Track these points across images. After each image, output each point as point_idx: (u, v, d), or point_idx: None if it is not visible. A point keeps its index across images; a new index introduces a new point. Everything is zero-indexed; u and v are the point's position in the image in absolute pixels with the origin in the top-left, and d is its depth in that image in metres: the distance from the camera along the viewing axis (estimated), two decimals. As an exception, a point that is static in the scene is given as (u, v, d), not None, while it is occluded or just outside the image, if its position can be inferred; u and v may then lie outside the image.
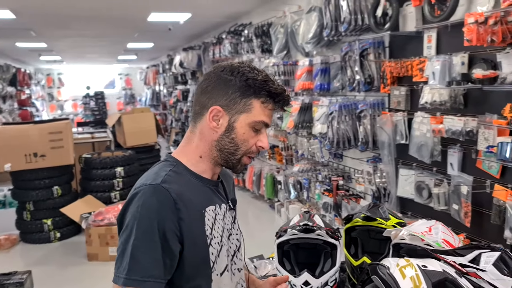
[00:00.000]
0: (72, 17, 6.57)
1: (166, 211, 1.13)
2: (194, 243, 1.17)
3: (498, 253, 1.25)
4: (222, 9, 6.39)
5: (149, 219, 1.12)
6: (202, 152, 1.27)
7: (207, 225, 1.22)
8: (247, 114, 1.22)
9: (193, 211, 1.18)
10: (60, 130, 5.31)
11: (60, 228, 5.34)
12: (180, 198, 1.15)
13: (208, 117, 1.23)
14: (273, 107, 1.26)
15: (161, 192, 1.14)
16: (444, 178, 2.95)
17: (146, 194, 1.14)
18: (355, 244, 1.80)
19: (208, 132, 1.25)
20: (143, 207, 1.13)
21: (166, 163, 1.26)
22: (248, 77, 1.21)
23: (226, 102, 1.22)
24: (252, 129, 1.24)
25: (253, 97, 1.22)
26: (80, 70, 17.06)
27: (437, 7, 2.85)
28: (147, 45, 10.46)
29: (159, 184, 1.15)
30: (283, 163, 5.61)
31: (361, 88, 3.65)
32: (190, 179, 1.24)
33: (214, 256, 1.23)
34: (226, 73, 1.23)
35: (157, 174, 1.19)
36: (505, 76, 2.43)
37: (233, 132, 1.23)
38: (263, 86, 1.21)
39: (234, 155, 1.25)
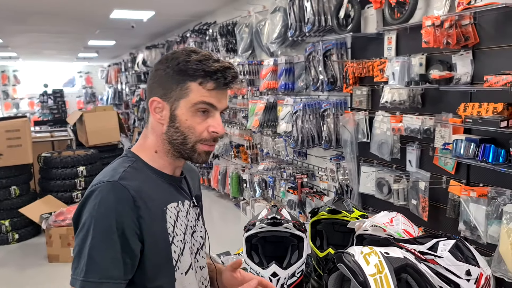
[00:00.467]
0: (29, 12, 6.35)
1: (124, 208, 1.08)
2: (155, 241, 1.14)
3: (453, 241, 1.34)
4: (187, 7, 6.36)
5: (107, 217, 1.07)
6: (156, 147, 1.23)
7: (169, 223, 1.18)
8: (185, 99, 1.16)
9: (154, 208, 1.14)
10: (18, 128, 5.14)
11: (19, 229, 5.17)
12: (139, 195, 1.11)
13: (151, 110, 1.21)
14: (214, 85, 1.16)
15: (119, 189, 1.09)
16: (403, 174, 3.08)
17: (103, 192, 1.09)
18: (320, 237, 1.87)
19: (156, 125, 1.21)
20: (100, 205, 1.08)
21: (125, 158, 1.22)
22: (179, 61, 1.16)
23: (164, 91, 1.18)
24: (197, 114, 1.18)
25: (188, 80, 1.16)
26: (37, 67, 16.47)
27: (397, 10, 2.97)
28: (109, 42, 10.25)
29: (117, 181, 1.11)
30: (248, 161, 5.66)
31: (325, 88, 3.74)
32: (150, 175, 1.20)
33: (177, 254, 1.19)
34: (161, 63, 1.20)
35: (115, 171, 1.15)
36: (460, 77, 2.56)
37: (176, 121, 1.18)
38: (197, 66, 1.15)
39: (185, 145, 1.20)
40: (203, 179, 7.28)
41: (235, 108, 5.92)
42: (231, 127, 5.96)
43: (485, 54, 2.49)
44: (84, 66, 17.42)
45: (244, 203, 5.80)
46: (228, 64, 1.19)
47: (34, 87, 16.38)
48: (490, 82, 2.26)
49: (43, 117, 14.30)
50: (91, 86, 17.65)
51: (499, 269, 2.23)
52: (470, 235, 2.50)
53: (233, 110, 5.97)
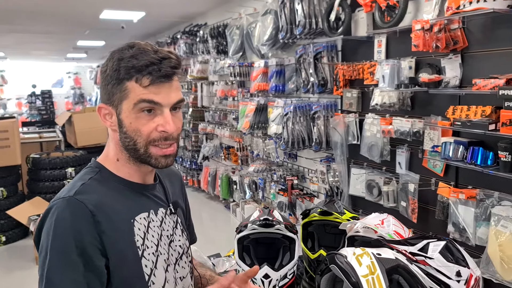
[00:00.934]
0: (17, 12, 6.28)
1: (82, 225, 1.01)
2: (121, 256, 1.06)
3: (443, 242, 1.35)
4: (177, 9, 6.35)
5: (64, 236, 1.00)
6: (117, 155, 1.16)
7: (137, 235, 1.10)
8: (126, 101, 1.08)
9: (119, 221, 1.07)
10: (6, 129, 5.08)
11: (5, 232, 5.11)
12: (100, 209, 1.04)
13: (101, 118, 1.14)
14: (150, 80, 1.07)
15: (75, 205, 1.02)
16: (393, 176, 3.10)
17: (59, 209, 1.02)
18: (311, 239, 1.88)
19: (112, 132, 1.15)
20: (56, 223, 1.01)
21: (88, 170, 1.16)
22: (113, 61, 1.08)
23: (107, 96, 1.11)
24: (141, 115, 1.09)
25: (125, 80, 1.07)
26: (25, 68, 16.28)
27: (387, 13, 3.00)
28: (98, 43, 10.18)
29: (72, 196, 1.04)
30: (239, 163, 5.66)
31: (315, 90, 3.76)
32: (116, 186, 1.13)
33: (149, 268, 1.11)
34: (103, 65, 1.12)
35: (73, 185, 1.09)
36: (449, 80, 2.60)
37: (122, 125, 1.10)
38: (131, 63, 1.06)
39: (137, 150, 1.11)
40: (193, 181, 7.27)
41: (225, 110, 5.93)
42: (221, 128, 5.96)
43: (473, 58, 2.52)
44: (72, 67, 17.27)
45: (234, 205, 5.80)
46: (166, 53, 1.09)
47: (22, 88, 16.18)
48: (479, 86, 2.29)
49: (31, 118, 14.15)
50: (79, 86, 17.50)
51: (487, 270, 2.26)
52: (459, 237, 2.53)
53: (224, 112, 5.97)
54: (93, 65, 16.18)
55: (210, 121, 6.39)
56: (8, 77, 16.37)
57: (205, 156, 6.64)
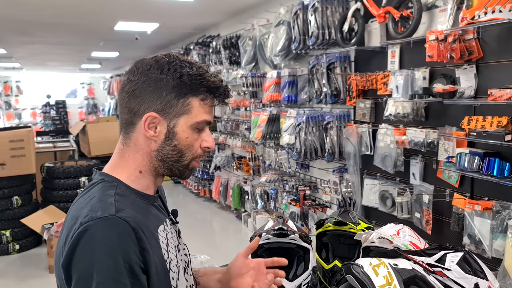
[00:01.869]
0: (35, 24, 6.42)
1: (128, 244, 0.96)
2: (157, 272, 1.03)
3: (461, 254, 1.33)
4: (191, 20, 6.43)
5: (112, 258, 0.93)
6: (141, 166, 1.11)
7: (163, 249, 1.07)
8: (187, 116, 1.08)
9: (150, 236, 1.03)
10: (22, 138, 5.15)
11: (19, 240, 5.15)
12: (139, 225, 0.99)
13: (143, 126, 1.07)
14: (213, 102, 1.12)
15: (119, 224, 0.96)
16: (407, 187, 3.08)
17: (100, 230, 0.95)
18: (326, 249, 1.86)
19: (145, 142, 1.09)
20: (101, 246, 0.94)
21: (105, 184, 1.07)
22: (181, 73, 1.06)
23: (162, 106, 1.06)
24: (195, 131, 1.11)
25: (190, 96, 1.07)
26: (40, 78, 16.55)
27: (401, 24, 3.00)
28: (112, 54, 10.32)
29: (114, 215, 0.97)
30: (250, 173, 5.66)
31: (328, 101, 3.76)
32: (135, 200, 1.08)
33: (175, 280, 1.09)
34: (155, 71, 1.06)
35: (104, 202, 1.00)
36: (463, 90, 2.58)
37: (174, 138, 1.08)
38: (200, 81, 1.07)
39: (180, 163, 1.11)
40: (204, 191, 7.28)
41: (237, 120, 5.95)
42: (233, 138, 5.98)
43: (488, 68, 2.51)
44: (86, 77, 17.51)
45: (245, 215, 5.78)
46: (220, 78, 1.13)
47: (36, 98, 16.45)
48: (494, 96, 2.28)
49: (45, 128, 14.35)
50: (93, 97, 17.72)
51: (504, 283, 2.22)
52: (475, 249, 2.49)
53: (236, 122, 5.99)
54: (106, 76, 16.38)
55: (222, 131, 6.41)
56: (23, 87, 16.68)
57: (217, 166, 6.66)
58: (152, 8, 5.45)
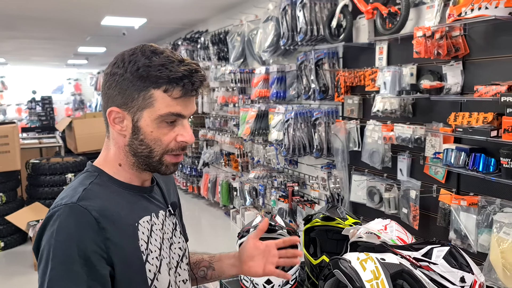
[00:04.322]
0: (19, 18, 6.31)
1: (86, 233, 0.97)
2: (127, 262, 1.02)
3: (447, 248, 1.35)
4: (179, 15, 6.38)
5: (67, 245, 0.95)
6: (119, 160, 1.12)
7: (142, 240, 1.06)
8: (150, 109, 1.04)
9: (123, 226, 1.03)
10: (6, 134, 5.07)
11: (4, 237, 5.08)
12: (104, 215, 0.99)
13: (109, 121, 1.08)
14: (181, 93, 1.04)
15: (78, 212, 0.97)
16: (394, 183, 3.10)
17: (61, 216, 0.97)
18: (313, 244, 1.87)
19: (118, 136, 1.10)
20: (58, 231, 0.96)
21: (87, 174, 1.10)
22: (138, 66, 1.02)
23: (123, 100, 1.05)
24: (163, 125, 1.06)
25: (151, 88, 1.03)
26: (25, 73, 16.32)
27: (388, 20, 3.01)
28: (99, 49, 10.21)
29: (76, 202, 0.98)
30: (239, 170, 5.65)
31: (316, 97, 3.77)
32: (117, 189, 1.09)
33: (153, 273, 1.08)
34: (117, 66, 1.05)
35: (75, 190, 1.03)
36: (450, 87, 2.60)
37: (140, 132, 1.06)
38: (160, 72, 1.02)
39: (151, 158, 1.09)
40: (193, 187, 7.25)
41: (226, 116, 5.93)
42: (221, 135, 5.96)
43: (475, 65, 2.53)
44: (73, 73, 17.31)
45: (234, 212, 5.78)
46: (194, 66, 1.06)
47: (22, 94, 16.21)
48: (480, 92, 2.29)
49: (31, 124, 14.15)
50: (79, 93, 17.53)
51: (489, 277, 2.25)
52: (461, 244, 2.52)
53: (224, 118, 5.97)
54: (93, 72, 16.22)
55: (211, 128, 6.39)
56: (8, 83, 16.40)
57: (205, 162, 6.64)
58: (140, 2, 5.40)
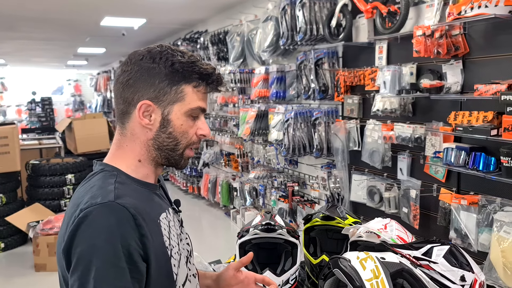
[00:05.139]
0: (19, 19, 6.31)
1: (127, 230, 0.98)
2: (158, 258, 1.04)
3: (447, 247, 1.34)
4: (178, 16, 6.37)
5: (111, 243, 0.95)
6: (139, 155, 1.12)
7: (165, 236, 1.09)
8: (181, 103, 1.10)
9: (151, 223, 1.05)
10: (6, 135, 5.07)
11: (4, 238, 5.07)
12: (138, 212, 1.00)
13: (138, 114, 1.09)
14: (206, 89, 1.14)
15: (118, 210, 0.98)
16: (394, 182, 3.09)
17: (99, 216, 0.97)
18: (313, 244, 1.86)
19: (141, 131, 1.11)
20: (100, 231, 0.96)
21: (106, 174, 1.09)
22: (173, 61, 1.08)
23: (155, 94, 1.08)
24: (190, 118, 1.12)
25: (183, 83, 1.09)
26: (25, 75, 16.32)
27: (388, 19, 3.00)
28: (99, 50, 10.21)
29: (113, 201, 0.99)
30: (239, 170, 5.65)
31: (316, 96, 3.76)
32: (137, 188, 1.10)
33: (176, 267, 1.10)
34: (147, 60, 1.09)
35: (104, 189, 1.02)
36: (450, 86, 2.60)
37: (169, 125, 1.10)
38: (192, 69, 1.09)
39: (175, 151, 1.13)
40: (193, 188, 7.25)
41: (226, 117, 5.92)
42: (221, 135, 5.96)
43: (475, 64, 2.53)
44: (73, 74, 17.31)
45: (234, 212, 5.77)
46: (213, 66, 1.15)
47: (22, 95, 16.20)
48: (480, 91, 2.29)
49: (31, 125, 14.15)
50: (79, 94, 17.52)
51: (490, 276, 2.24)
52: (461, 243, 2.51)
53: (224, 118, 5.97)
54: (93, 72, 16.20)
55: (211, 128, 6.38)
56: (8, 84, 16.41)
57: (205, 163, 6.63)
58: (139, 3, 5.39)
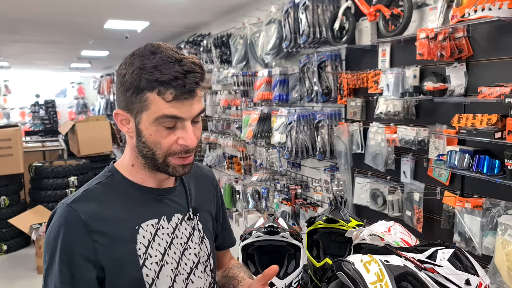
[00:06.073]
0: (23, 21, 6.33)
1: (73, 234, 1.01)
2: (120, 266, 1.03)
3: (452, 250, 1.33)
4: (181, 19, 6.38)
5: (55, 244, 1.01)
6: (132, 160, 1.13)
7: (140, 243, 1.06)
8: (146, 112, 1.03)
9: (119, 229, 1.05)
10: (9, 137, 5.09)
11: (7, 241, 5.09)
12: (95, 218, 1.02)
13: (117, 123, 1.11)
14: (174, 95, 1.01)
15: (68, 213, 1.03)
16: (397, 185, 3.08)
17: (57, 215, 1.05)
18: (316, 247, 1.85)
19: (128, 138, 1.13)
20: (50, 229, 1.04)
21: (101, 174, 1.16)
22: (133, 68, 1.02)
23: (125, 103, 1.06)
24: (161, 127, 1.04)
25: (146, 91, 1.01)
26: (29, 77, 16.37)
27: (391, 22, 3.00)
28: (102, 53, 10.23)
29: (69, 204, 1.04)
30: (242, 173, 5.64)
31: (319, 99, 3.76)
32: (127, 190, 1.10)
33: (151, 277, 1.07)
34: (121, 67, 1.06)
35: (78, 190, 1.10)
36: (453, 88, 2.59)
37: (141, 135, 1.06)
38: (150, 75, 1.00)
39: (155, 160, 1.08)
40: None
41: (228, 119, 5.92)
42: (224, 138, 5.95)
43: (478, 67, 2.52)
44: (76, 77, 17.35)
45: (237, 215, 5.76)
46: (190, 65, 1.02)
47: (25, 97, 16.26)
48: (484, 94, 2.28)
49: (34, 128, 14.18)
50: (83, 96, 17.56)
51: (494, 280, 2.23)
52: (465, 247, 2.50)
53: (227, 121, 5.97)
54: (96, 75, 16.25)
55: (213, 131, 6.38)
56: (11, 86, 16.46)
57: (208, 165, 6.63)
58: (143, 6, 5.40)
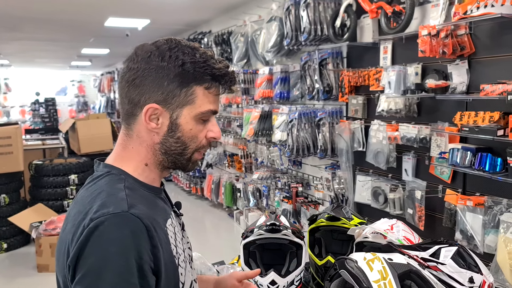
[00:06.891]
0: (23, 19, 6.32)
1: (141, 243, 0.91)
2: (167, 269, 0.97)
3: (455, 248, 1.32)
4: (182, 16, 6.37)
5: (124, 257, 0.88)
6: (146, 159, 1.05)
7: (172, 244, 1.02)
8: (190, 106, 1.01)
9: (161, 232, 0.98)
10: (9, 135, 5.07)
11: (7, 239, 5.07)
12: (151, 222, 0.94)
13: (144, 118, 1.02)
14: (219, 90, 1.05)
15: (132, 221, 0.91)
16: (399, 183, 3.07)
17: (112, 226, 0.89)
18: (318, 245, 1.84)
19: (147, 134, 1.04)
20: (112, 243, 0.88)
21: (112, 177, 1.02)
22: (183, 60, 0.99)
23: (163, 97, 1.00)
24: (199, 122, 1.04)
25: (194, 84, 1.00)
26: (29, 75, 16.36)
27: (393, 19, 2.98)
28: (102, 51, 10.21)
29: (127, 211, 0.91)
30: (243, 171, 5.63)
31: (320, 97, 3.74)
32: (144, 193, 1.03)
33: (183, 276, 1.04)
34: (155, 58, 1.00)
35: (116, 197, 0.95)
36: (455, 86, 2.58)
37: (178, 130, 1.02)
38: (204, 69, 1.00)
39: (183, 155, 1.05)
40: (196, 188, 7.24)
41: (229, 117, 5.91)
42: (225, 136, 5.94)
43: (480, 64, 2.50)
44: (76, 75, 17.34)
45: (237, 213, 5.76)
46: (226, 63, 1.06)
47: (25, 95, 16.25)
48: (487, 91, 2.27)
49: (35, 126, 14.18)
50: (83, 94, 17.54)
51: (496, 278, 2.22)
52: (467, 245, 2.49)
53: (228, 119, 5.95)
54: (97, 73, 16.23)
55: (214, 129, 6.36)
56: (12, 84, 16.45)
57: (209, 163, 6.62)
58: (143, 3, 5.39)
